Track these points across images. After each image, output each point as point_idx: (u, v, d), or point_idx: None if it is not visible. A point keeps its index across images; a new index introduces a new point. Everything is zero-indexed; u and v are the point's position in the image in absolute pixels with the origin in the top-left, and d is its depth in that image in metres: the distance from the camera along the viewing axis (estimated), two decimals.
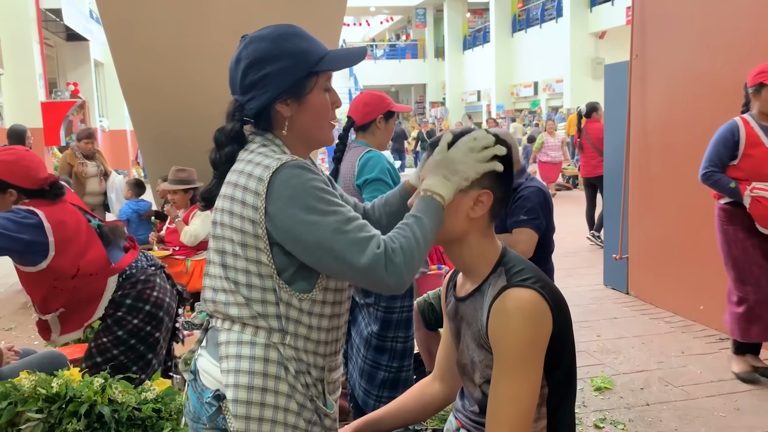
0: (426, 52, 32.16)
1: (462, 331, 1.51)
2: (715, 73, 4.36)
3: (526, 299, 1.35)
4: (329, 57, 1.40)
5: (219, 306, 1.37)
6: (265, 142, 1.39)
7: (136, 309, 2.58)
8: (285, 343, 1.33)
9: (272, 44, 1.37)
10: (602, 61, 18.68)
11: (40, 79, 12.32)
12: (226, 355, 1.34)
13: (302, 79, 1.38)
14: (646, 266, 5.19)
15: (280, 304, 1.33)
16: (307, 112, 1.40)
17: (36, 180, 2.49)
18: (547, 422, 1.44)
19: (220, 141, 1.42)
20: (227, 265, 1.34)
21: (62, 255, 2.43)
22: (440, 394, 1.70)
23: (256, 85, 1.37)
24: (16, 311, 5.60)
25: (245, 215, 1.30)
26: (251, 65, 1.37)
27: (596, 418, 3.21)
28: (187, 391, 1.46)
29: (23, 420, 2.12)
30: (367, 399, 2.73)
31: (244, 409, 1.30)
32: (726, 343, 4.17)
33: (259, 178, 1.30)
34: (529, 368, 1.34)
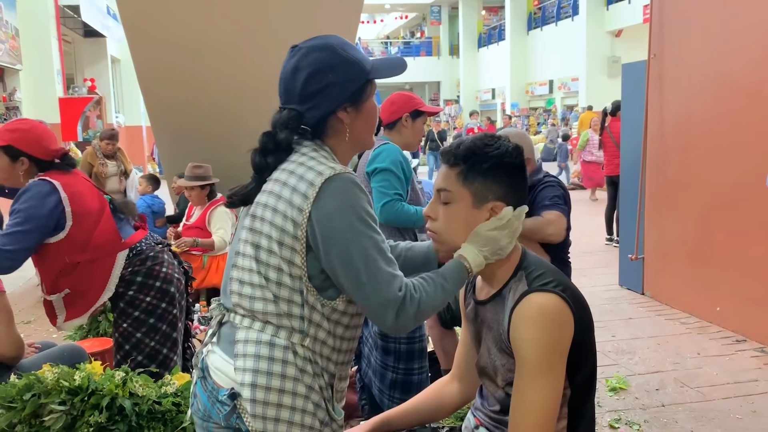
0: (441, 50, 32.10)
1: (483, 335, 1.52)
2: (734, 74, 4.33)
3: (548, 305, 1.35)
4: (377, 66, 1.46)
5: (243, 300, 1.37)
6: (315, 147, 1.42)
7: (146, 286, 2.59)
8: (304, 345, 1.35)
9: (333, 54, 1.40)
10: (618, 60, 18.55)
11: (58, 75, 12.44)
12: (243, 354, 1.34)
13: (361, 87, 1.42)
14: (662, 267, 5.17)
15: (305, 306, 1.34)
16: (362, 119, 1.45)
17: (48, 151, 2.52)
18: (567, 422, 1.45)
19: (268, 148, 1.41)
20: (260, 259, 1.35)
21: (78, 225, 2.47)
22: (458, 393, 1.71)
23: (318, 93, 1.39)
24: (35, 305, 5.66)
25: (288, 215, 1.32)
26: (313, 74, 1.39)
27: (611, 418, 3.20)
28: (195, 388, 1.46)
29: (46, 412, 2.15)
30: (382, 398, 2.73)
31: (262, 409, 1.31)
32: (742, 345, 4.15)
33: (310, 183, 1.32)
34: (551, 373, 1.35)
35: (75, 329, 3.87)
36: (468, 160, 1.42)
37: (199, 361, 1.46)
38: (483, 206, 1.43)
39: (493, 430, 1.53)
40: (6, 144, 2.48)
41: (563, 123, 20.76)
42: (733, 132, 4.35)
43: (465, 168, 1.42)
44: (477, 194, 1.42)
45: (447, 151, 1.46)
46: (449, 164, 1.45)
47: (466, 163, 1.42)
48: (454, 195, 1.43)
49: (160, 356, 2.62)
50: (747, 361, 3.91)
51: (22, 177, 2.51)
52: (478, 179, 1.42)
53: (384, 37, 36.12)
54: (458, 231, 1.44)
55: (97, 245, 2.52)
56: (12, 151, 2.49)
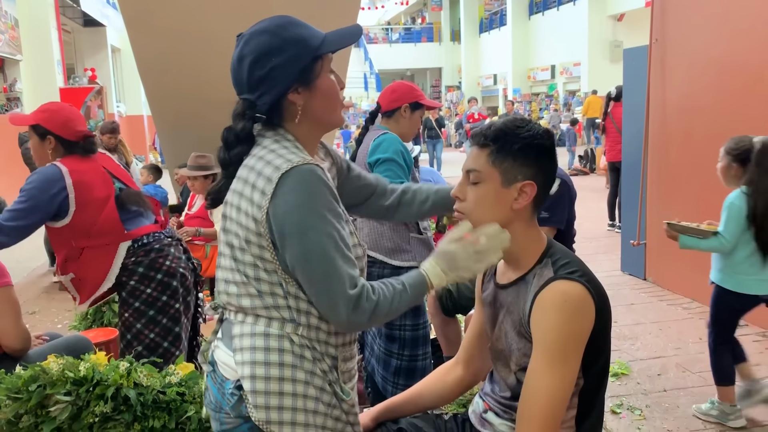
0: (442, 36, 31.92)
1: (500, 318, 1.53)
2: (736, 58, 4.30)
3: (573, 293, 1.37)
4: (328, 39, 1.40)
5: (232, 298, 1.39)
6: (276, 137, 1.39)
7: (148, 278, 2.62)
8: (298, 333, 1.35)
9: (273, 36, 1.37)
10: (620, 44, 18.44)
11: (59, 65, 12.43)
12: (240, 348, 1.35)
13: (309, 65, 1.38)
14: (664, 252, 5.17)
15: (288, 297, 1.35)
16: (318, 97, 1.41)
17: (73, 131, 2.63)
18: (577, 411, 1.47)
19: (229, 141, 1.40)
20: (236, 258, 1.36)
21: (83, 212, 2.54)
22: (463, 378, 1.72)
23: (264, 79, 1.36)
24: (39, 295, 5.70)
25: (250, 213, 1.31)
26: (256, 60, 1.36)
27: (613, 403, 3.22)
28: (207, 381, 1.48)
29: (52, 402, 2.17)
30: (385, 385, 2.75)
31: (263, 399, 1.32)
32: (744, 330, 4.16)
33: (268, 178, 1.30)
34: (567, 361, 1.36)
35: (79, 319, 3.89)
36: (498, 140, 1.43)
37: (209, 356, 1.48)
38: (512, 186, 1.43)
39: (503, 415, 1.54)
40: (35, 123, 2.62)
41: (565, 108, 20.70)
42: (734, 117, 4.34)
43: (495, 148, 1.43)
44: (506, 174, 1.43)
45: (478, 133, 1.47)
46: (480, 145, 1.45)
47: (497, 143, 1.43)
48: (483, 175, 1.44)
49: (160, 349, 2.64)
50: (748, 346, 3.90)
51: (51, 156, 2.63)
52: (508, 159, 1.43)
53: (385, 23, 35.92)
54: (487, 211, 1.44)
55: (100, 232, 2.57)
56: (40, 129, 2.63)
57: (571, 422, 1.47)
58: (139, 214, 2.72)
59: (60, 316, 4.97)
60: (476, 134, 1.47)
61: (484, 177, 1.44)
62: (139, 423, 2.20)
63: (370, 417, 1.69)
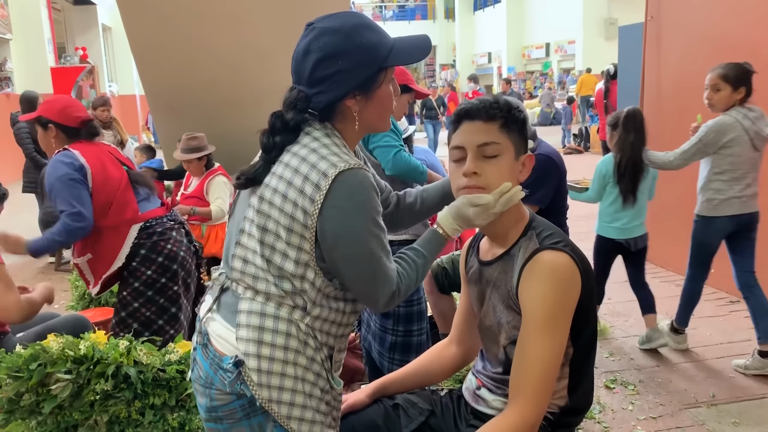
0: (436, 13, 31.68)
1: (487, 294, 1.55)
2: (732, 36, 4.30)
3: (559, 262, 1.39)
4: (397, 50, 1.40)
5: (246, 277, 1.39)
6: (326, 132, 1.40)
7: (149, 260, 2.69)
8: (305, 321, 1.38)
9: (345, 38, 1.35)
10: (615, 22, 18.34)
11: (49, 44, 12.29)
12: (247, 324, 1.36)
13: (373, 75, 1.38)
14: (657, 230, 5.19)
15: (309, 287, 1.36)
16: (373, 106, 1.42)
17: (72, 117, 2.75)
18: (568, 381, 1.50)
19: (276, 128, 1.40)
20: (265, 242, 1.35)
21: (100, 191, 2.63)
22: (457, 356, 1.75)
23: (326, 80, 1.36)
24: (35, 276, 5.70)
25: (299, 203, 1.32)
26: (323, 59, 1.35)
27: (607, 379, 3.27)
28: (196, 356, 1.47)
29: (53, 381, 2.19)
30: (381, 361, 2.78)
31: (267, 378, 1.34)
32: (736, 306, 4.21)
33: (323, 173, 1.31)
34: (557, 330, 1.38)
35: (77, 299, 3.90)
36: (509, 112, 1.45)
37: (200, 328, 1.47)
38: (519, 159, 1.47)
39: (495, 390, 1.57)
40: (38, 115, 2.79)
41: (560, 86, 20.64)
42: None
43: (508, 119, 1.45)
44: (516, 146, 1.47)
45: (480, 108, 1.45)
46: (487, 119, 1.45)
47: (509, 115, 1.45)
48: (502, 147, 1.45)
49: (155, 326, 2.72)
50: (740, 322, 3.97)
51: (54, 144, 2.76)
52: (515, 132, 1.46)
53: (378, 0, 35.60)
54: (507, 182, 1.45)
55: (117, 211, 2.67)
56: (42, 120, 2.78)
57: (564, 392, 1.50)
58: (147, 197, 2.81)
59: (57, 296, 4.96)
60: (478, 109, 1.46)
61: (503, 149, 1.45)
62: (139, 400, 2.22)
63: (366, 393, 1.72)
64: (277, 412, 1.35)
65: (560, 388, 1.50)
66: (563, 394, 1.50)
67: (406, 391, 1.74)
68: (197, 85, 4.87)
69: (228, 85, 4.74)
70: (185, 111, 5.08)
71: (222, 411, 1.39)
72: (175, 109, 5.20)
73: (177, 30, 4.71)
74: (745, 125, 3.28)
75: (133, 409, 2.22)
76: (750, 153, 3.31)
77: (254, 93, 4.41)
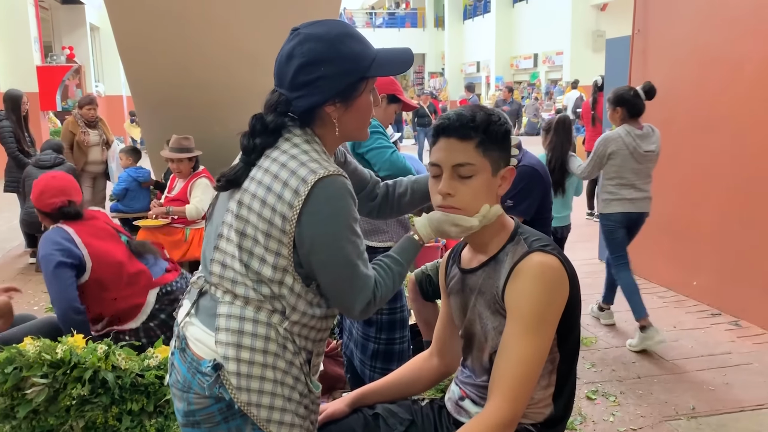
0: (426, 22, 31.77)
1: (471, 302, 1.54)
2: (718, 50, 4.35)
3: (549, 264, 1.39)
4: (379, 61, 1.41)
5: (225, 281, 1.39)
6: (306, 138, 1.40)
7: (166, 325, 2.77)
8: (283, 326, 1.38)
9: (328, 46, 1.37)
10: (603, 34, 18.50)
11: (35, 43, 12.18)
12: (226, 328, 1.36)
13: (353, 83, 1.39)
14: (641, 242, 5.20)
15: (286, 292, 1.37)
16: (352, 114, 1.43)
17: (46, 204, 2.80)
18: (555, 389, 1.49)
19: (256, 129, 1.41)
20: (244, 247, 1.36)
21: (101, 266, 2.68)
22: (438, 368, 1.74)
23: (307, 85, 1.37)
24: (15, 276, 5.63)
25: (278, 209, 1.32)
26: (305, 65, 1.36)
27: (588, 390, 3.27)
28: (174, 360, 1.46)
29: (28, 385, 2.16)
30: (363, 369, 2.77)
31: (246, 382, 1.35)
32: (717, 319, 4.24)
33: (303, 180, 1.32)
34: (542, 331, 1.37)
35: None
36: (486, 130, 1.43)
37: (178, 332, 1.47)
38: (498, 174, 1.46)
39: (479, 401, 1.55)
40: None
41: (547, 97, 20.77)
42: (714, 108, 4.39)
43: (485, 138, 1.43)
44: (494, 163, 1.45)
45: (458, 126, 1.43)
46: (462, 137, 1.43)
47: (486, 133, 1.43)
48: (477, 167, 1.43)
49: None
50: (721, 335, 4.00)
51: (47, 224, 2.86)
52: (495, 149, 1.44)
53: (369, 8, 35.68)
54: (482, 202, 1.45)
55: (131, 281, 2.75)
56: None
57: (549, 400, 1.49)
58: (155, 262, 2.90)
59: (36, 297, 4.92)
60: (455, 127, 1.44)
61: (478, 169, 1.44)
62: (116, 406, 2.19)
63: (346, 402, 1.70)
64: (256, 416, 1.35)
65: (547, 396, 1.49)
66: (548, 402, 1.49)
67: (387, 400, 1.72)
68: (184, 87, 4.84)
69: (215, 87, 4.72)
70: (172, 112, 5.06)
71: (200, 415, 1.39)
72: (161, 110, 5.17)
73: (165, 31, 4.70)
74: (627, 141, 3.83)
75: (110, 415, 2.19)
76: (632, 164, 3.86)
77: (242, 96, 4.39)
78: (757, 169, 4.05)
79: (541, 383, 1.47)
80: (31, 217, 5.57)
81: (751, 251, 4.13)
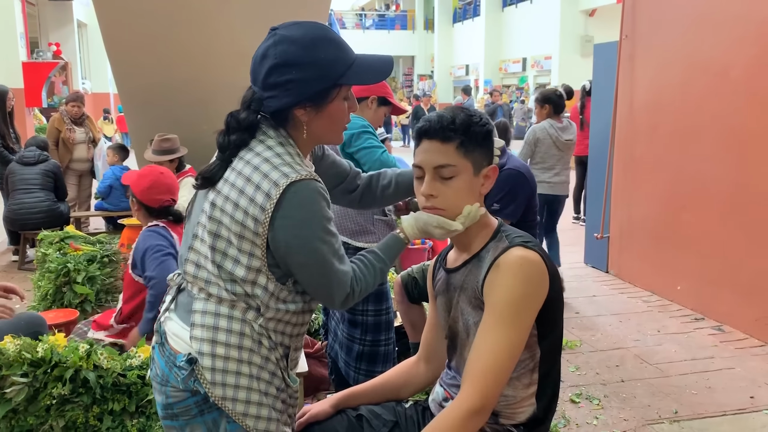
0: (415, 24, 31.82)
1: (455, 300, 1.55)
2: (703, 57, 4.38)
3: (529, 258, 1.40)
4: (355, 68, 1.40)
5: (199, 281, 1.41)
6: (280, 140, 1.41)
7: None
8: (258, 322, 1.39)
9: (303, 51, 1.36)
10: (591, 39, 18.61)
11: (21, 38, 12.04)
12: (201, 324, 1.38)
13: (325, 89, 1.39)
14: (626, 246, 5.27)
15: (259, 291, 1.37)
16: (323, 120, 1.42)
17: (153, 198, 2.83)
18: (537, 388, 1.49)
19: (231, 126, 1.41)
20: (217, 248, 1.37)
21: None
22: (426, 374, 1.74)
23: (278, 86, 1.37)
24: None
25: (250, 212, 1.33)
26: (277, 66, 1.36)
27: (572, 393, 3.28)
28: (154, 353, 1.49)
29: (8, 384, 2.13)
30: (348, 370, 2.76)
31: (221, 377, 1.36)
32: (700, 323, 4.27)
33: (274, 183, 1.32)
34: (517, 323, 1.37)
35: (39, 300, 3.81)
36: (467, 132, 1.44)
37: (158, 327, 1.49)
38: (480, 174, 1.47)
39: None
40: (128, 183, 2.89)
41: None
42: (699, 115, 4.43)
43: (465, 140, 1.44)
44: (476, 163, 1.46)
45: (438, 128, 1.45)
46: (443, 139, 1.44)
47: (466, 135, 1.44)
48: (458, 168, 1.44)
49: None
50: (704, 339, 4.03)
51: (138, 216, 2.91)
52: (476, 149, 1.45)
53: (359, 9, 35.67)
54: (464, 202, 1.46)
55: None
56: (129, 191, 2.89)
57: (532, 399, 1.50)
58: None
59: None
60: (435, 129, 1.45)
61: (459, 170, 1.45)
62: (98, 406, 2.17)
63: (331, 404, 1.70)
64: (231, 410, 1.37)
65: (529, 395, 1.49)
66: (531, 402, 1.49)
67: (371, 402, 1.72)
68: (172, 85, 4.81)
69: (203, 85, 4.69)
70: (159, 111, 5.02)
71: (177, 408, 1.42)
72: (148, 108, 5.13)
73: (153, 29, 4.66)
74: (550, 132, 4.90)
75: (91, 415, 2.17)
76: (555, 151, 4.88)
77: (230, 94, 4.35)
78: (742, 175, 4.08)
79: (522, 381, 1.48)
80: (15, 214, 5.52)
81: (734, 257, 4.17)
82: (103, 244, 4.07)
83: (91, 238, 4.21)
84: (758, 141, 3.95)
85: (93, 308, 3.64)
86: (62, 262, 3.67)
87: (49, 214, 5.55)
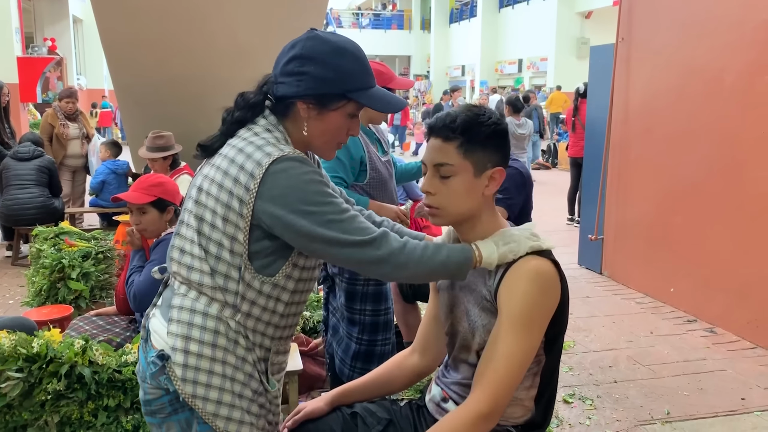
0: (412, 24, 31.85)
1: (459, 300, 1.55)
2: (699, 61, 4.41)
3: (544, 268, 1.42)
4: (369, 92, 1.43)
5: (182, 268, 1.40)
6: (269, 127, 1.42)
7: None
8: (235, 319, 1.39)
9: (328, 53, 1.40)
10: (587, 41, 18.67)
11: (17, 33, 11.99)
12: (177, 320, 1.38)
13: (333, 95, 1.40)
14: (620, 248, 5.29)
15: (241, 282, 1.37)
16: (320, 125, 1.43)
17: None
18: (537, 391, 1.51)
19: (237, 102, 1.46)
20: (202, 232, 1.37)
21: None
22: (419, 365, 1.74)
23: (293, 75, 1.40)
24: None
25: (235, 192, 1.34)
26: (299, 57, 1.40)
27: (565, 393, 3.30)
28: (139, 350, 1.51)
29: (3, 379, 2.12)
30: (342, 368, 2.76)
31: (193, 374, 1.36)
32: (693, 325, 4.30)
33: (257, 162, 1.33)
34: (531, 330, 1.40)
35: (33, 295, 3.80)
36: (467, 132, 1.44)
37: (144, 323, 1.51)
38: (482, 175, 1.46)
39: (461, 402, 1.53)
40: (156, 198, 2.70)
41: None
42: (693, 118, 4.45)
43: (465, 140, 1.44)
44: (477, 164, 1.45)
45: (441, 126, 1.46)
46: (445, 138, 1.45)
47: (465, 135, 1.44)
48: (456, 168, 1.45)
49: None
50: (696, 341, 4.05)
51: (168, 225, 2.76)
52: (478, 150, 1.45)
53: (356, 8, 35.66)
54: (461, 203, 1.46)
55: None
56: (162, 203, 2.72)
57: (530, 402, 1.51)
58: None
59: (12, 291, 4.85)
60: (438, 127, 1.46)
61: (457, 170, 1.45)
62: (93, 401, 2.17)
63: (325, 401, 1.70)
64: (201, 409, 1.36)
65: (529, 397, 1.51)
66: (530, 404, 1.51)
67: (365, 399, 1.72)
68: (168, 82, 4.81)
69: (199, 82, 4.69)
70: (154, 107, 5.02)
71: (154, 405, 1.43)
72: (144, 105, 5.13)
73: (149, 25, 4.66)
74: (511, 129, 6.21)
75: (86, 411, 2.17)
76: (513, 141, 5.69)
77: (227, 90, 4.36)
78: (735, 179, 4.11)
79: (524, 383, 1.49)
80: (9, 209, 5.50)
81: (727, 259, 4.19)
82: (97, 240, 4.07)
83: (85, 234, 4.21)
84: (752, 145, 3.97)
85: (87, 304, 3.63)
86: (57, 258, 3.67)
87: (43, 209, 5.53)
